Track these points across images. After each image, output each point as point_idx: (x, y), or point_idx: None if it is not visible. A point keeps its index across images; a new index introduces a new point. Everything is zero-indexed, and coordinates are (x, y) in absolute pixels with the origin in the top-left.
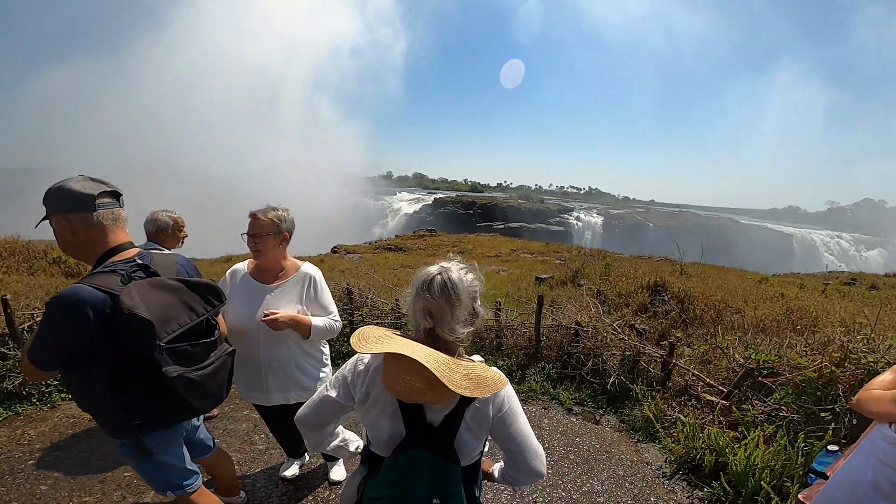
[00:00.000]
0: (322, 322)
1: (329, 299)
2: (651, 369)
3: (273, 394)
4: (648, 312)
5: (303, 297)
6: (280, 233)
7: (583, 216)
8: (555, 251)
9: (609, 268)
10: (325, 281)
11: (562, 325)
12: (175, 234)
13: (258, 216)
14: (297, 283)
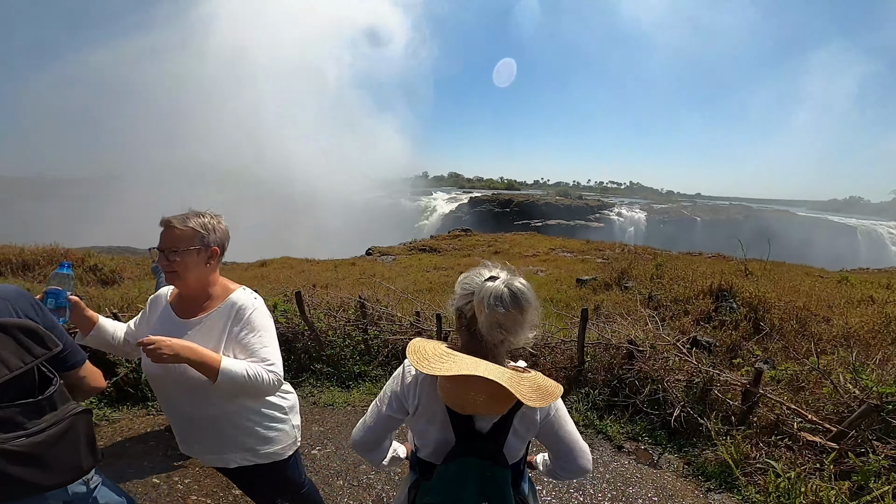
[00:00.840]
0: (241, 367)
1: (263, 341)
2: (728, 400)
3: (208, 455)
4: (713, 322)
5: (226, 333)
6: (206, 247)
7: (624, 212)
8: (596, 249)
9: (661, 268)
10: (264, 314)
11: (611, 344)
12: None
13: (174, 224)
14: (221, 316)
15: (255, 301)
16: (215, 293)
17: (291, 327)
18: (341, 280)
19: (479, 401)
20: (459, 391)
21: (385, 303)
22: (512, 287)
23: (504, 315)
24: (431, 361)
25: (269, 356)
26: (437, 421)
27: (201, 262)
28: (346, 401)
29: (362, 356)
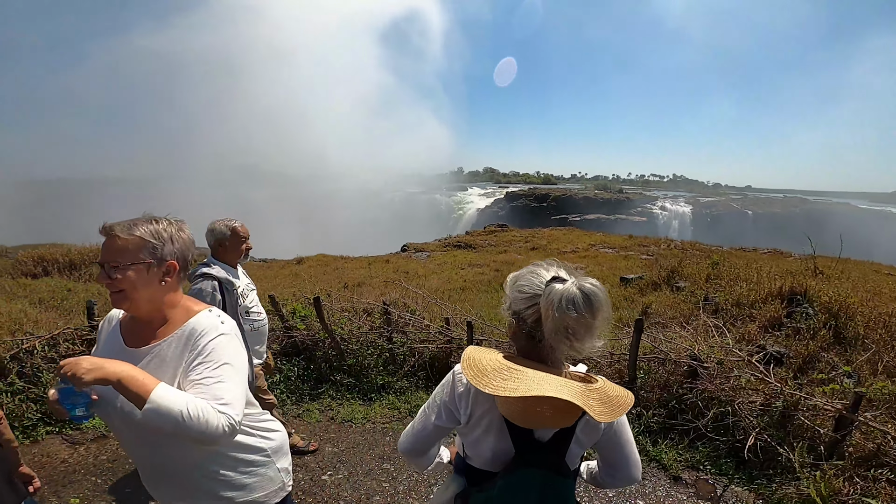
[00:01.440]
0: (180, 401)
1: (219, 375)
2: (817, 426)
3: (177, 502)
4: (785, 329)
5: (182, 367)
6: (159, 260)
7: (668, 205)
8: (639, 245)
9: (718, 267)
10: (230, 344)
11: (669, 358)
12: (235, 246)
13: (115, 233)
14: (176, 344)
15: (220, 326)
16: (174, 317)
17: (311, 334)
18: (374, 278)
19: (545, 415)
20: (523, 406)
21: (413, 306)
22: (584, 289)
23: (576, 319)
24: (492, 378)
25: (224, 394)
26: (493, 431)
27: (153, 280)
28: (367, 416)
29: (386, 366)
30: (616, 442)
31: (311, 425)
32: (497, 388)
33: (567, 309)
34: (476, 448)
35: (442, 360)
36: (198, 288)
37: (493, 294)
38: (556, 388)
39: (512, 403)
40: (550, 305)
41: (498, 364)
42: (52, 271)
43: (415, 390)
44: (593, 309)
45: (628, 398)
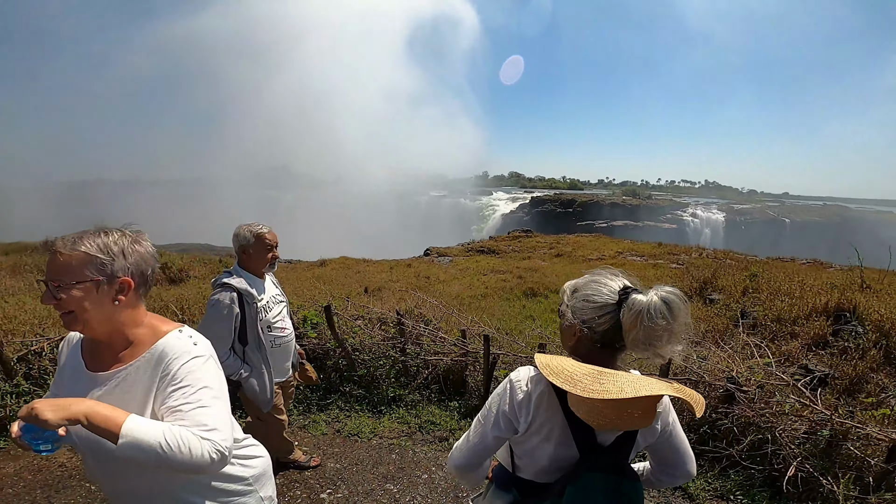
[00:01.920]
0: (156, 431)
1: (199, 399)
2: (866, 456)
3: None
4: (830, 348)
5: (153, 394)
6: (109, 277)
7: (700, 212)
8: (669, 253)
9: (756, 279)
10: (206, 365)
11: (703, 380)
12: (260, 254)
13: (57, 249)
14: (143, 370)
15: (193, 349)
16: (139, 338)
17: (322, 343)
18: (394, 282)
19: (635, 416)
20: (614, 409)
21: (429, 316)
22: (666, 298)
23: (663, 328)
24: (587, 383)
25: (207, 419)
26: (553, 437)
27: (105, 300)
28: (374, 430)
29: (398, 377)
30: (671, 442)
31: (316, 438)
32: (601, 392)
33: (657, 318)
34: (531, 457)
35: (457, 373)
36: (215, 299)
37: (515, 302)
38: (662, 388)
39: (600, 408)
40: (639, 316)
41: (584, 368)
42: None
43: (427, 404)
44: (675, 316)
45: (699, 395)
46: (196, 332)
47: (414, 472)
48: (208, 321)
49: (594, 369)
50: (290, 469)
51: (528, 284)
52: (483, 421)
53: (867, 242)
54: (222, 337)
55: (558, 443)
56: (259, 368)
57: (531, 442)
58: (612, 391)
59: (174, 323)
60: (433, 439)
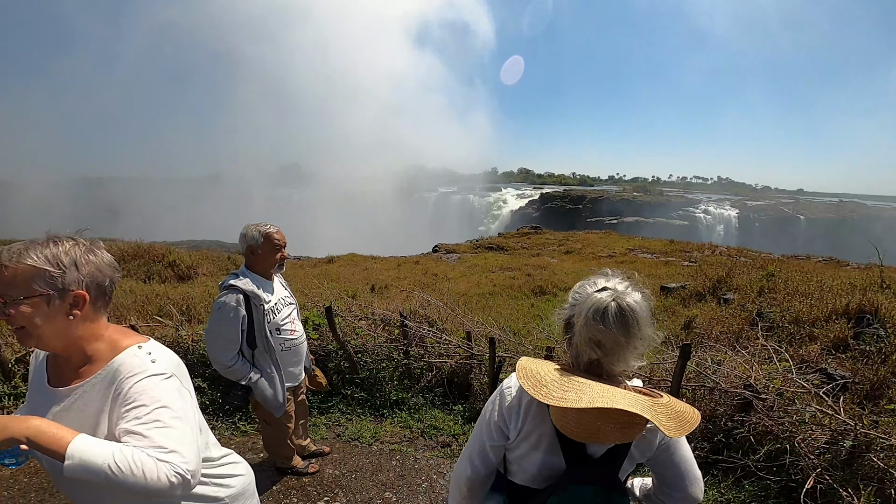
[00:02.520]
0: (105, 452)
1: (157, 419)
2: (889, 468)
3: None
4: (851, 352)
5: (106, 414)
6: (61, 291)
7: (712, 209)
8: (681, 250)
9: (773, 279)
10: (163, 382)
11: (718, 387)
12: (268, 254)
13: (3, 263)
14: (98, 387)
15: (150, 366)
16: (97, 353)
17: (324, 345)
18: (402, 279)
19: (608, 430)
20: (587, 421)
21: (434, 317)
22: (621, 302)
23: (602, 333)
24: (552, 389)
25: (166, 441)
26: (542, 446)
27: (57, 315)
28: (376, 434)
29: (402, 380)
30: (671, 459)
31: (316, 443)
32: (559, 399)
33: (594, 320)
34: (521, 463)
35: (462, 376)
36: (221, 301)
37: (524, 300)
38: (625, 401)
39: (572, 417)
40: (580, 314)
41: (556, 375)
42: None
43: (430, 408)
44: (626, 327)
45: (695, 414)
46: (159, 349)
47: (414, 479)
48: (214, 324)
49: (566, 377)
50: (288, 475)
51: (536, 282)
52: (478, 430)
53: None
54: (229, 340)
55: (547, 451)
56: (269, 372)
57: (521, 449)
58: (570, 400)
59: (137, 336)
60: (436, 445)
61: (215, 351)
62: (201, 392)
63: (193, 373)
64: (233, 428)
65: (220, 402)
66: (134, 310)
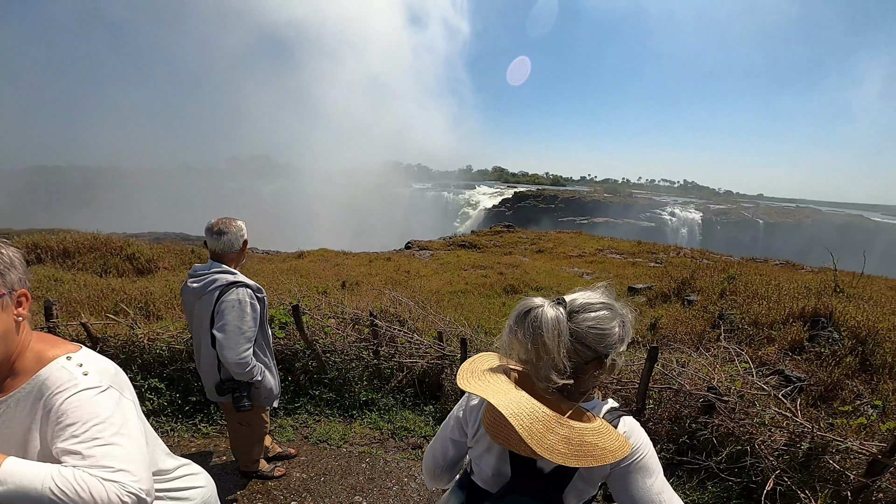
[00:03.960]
0: (41, 475)
1: (99, 436)
2: (845, 469)
3: None
4: (806, 353)
5: (36, 433)
6: (10, 290)
7: (678, 211)
8: (648, 252)
9: (734, 282)
10: (100, 394)
11: (683, 389)
12: (244, 250)
13: None
14: (25, 401)
15: (82, 380)
16: (22, 364)
17: (290, 344)
18: (374, 276)
19: (511, 436)
20: (496, 420)
21: (405, 316)
22: (539, 311)
23: (518, 340)
24: (473, 377)
25: (111, 459)
26: (494, 451)
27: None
28: (345, 436)
29: (371, 381)
30: (625, 482)
31: (281, 445)
32: (465, 384)
33: (514, 325)
34: (479, 464)
35: (433, 376)
36: (235, 298)
37: (496, 299)
38: (501, 399)
39: (490, 418)
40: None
41: (486, 368)
42: (46, 259)
43: (401, 409)
44: (533, 336)
45: (609, 454)
46: (91, 359)
47: (385, 482)
48: (235, 322)
49: (493, 369)
50: (253, 479)
51: (508, 281)
52: (446, 422)
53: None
54: (250, 337)
55: (498, 457)
56: (268, 364)
57: (477, 449)
58: (472, 385)
59: (65, 345)
60: (406, 446)
61: (237, 350)
62: (159, 393)
63: (150, 373)
64: (193, 430)
65: (178, 403)
66: (87, 305)
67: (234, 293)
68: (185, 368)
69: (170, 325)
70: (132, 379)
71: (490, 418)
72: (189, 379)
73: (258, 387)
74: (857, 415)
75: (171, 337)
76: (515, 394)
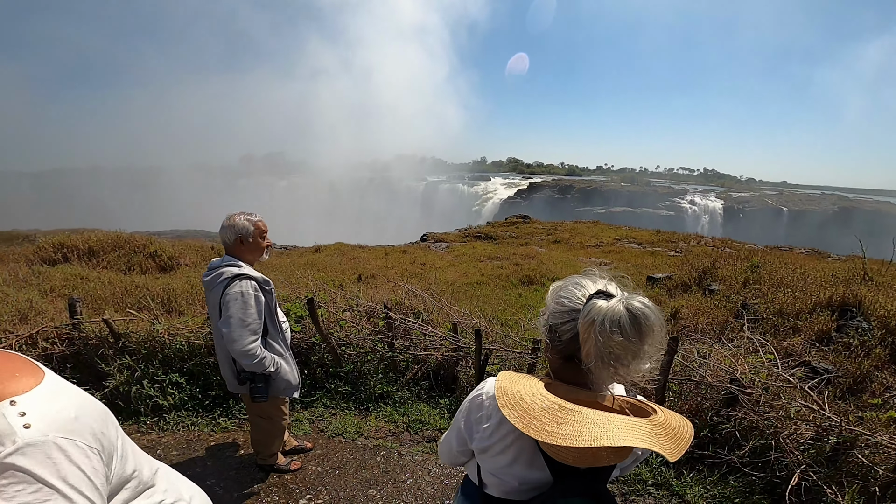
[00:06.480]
0: None
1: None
2: (874, 464)
3: None
4: (834, 344)
5: None
6: None
7: (698, 199)
8: (667, 241)
9: (758, 270)
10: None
11: (705, 381)
12: (257, 243)
13: None
14: None
15: (22, 433)
16: None
17: (306, 337)
18: (390, 269)
19: (602, 455)
20: (584, 451)
21: (419, 308)
22: (632, 308)
23: (621, 344)
24: (544, 423)
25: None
26: (523, 459)
27: None
28: (360, 429)
29: (387, 373)
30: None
31: (298, 439)
32: (554, 436)
33: (611, 332)
34: (499, 477)
35: (448, 368)
36: (238, 291)
37: (512, 290)
38: (628, 435)
39: (570, 451)
40: (592, 325)
41: (545, 401)
42: (72, 258)
43: (416, 401)
44: (641, 333)
45: (689, 428)
46: (39, 405)
47: (399, 476)
48: (238, 314)
49: (556, 403)
50: (270, 473)
51: (524, 272)
52: (455, 421)
53: (866, 232)
54: (255, 329)
55: (529, 465)
56: (284, 355)
57: (498, 462)
58: (567, 436)
59: (21, 379)
60: (421, 439)
61: (242, 342)
62: (179, 388)
63: (171, 368)
64: (213, 424)
65: (199, 397)
66: (112, 302)
67: (237, 286)
68: (204, 363)
69: (189, 321)
70: (153, 375)
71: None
72: (208, 374)
73: (275, 378)
74: (887, 408)
75: (191, 332)
76: (611, 421)
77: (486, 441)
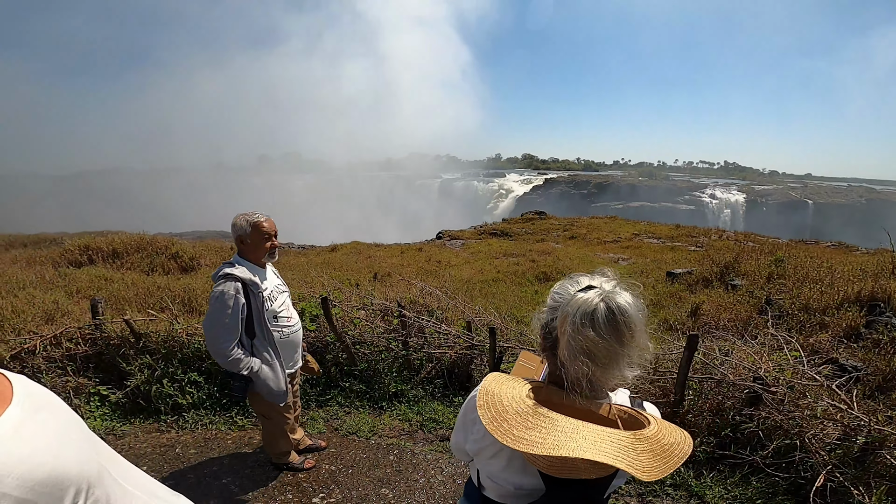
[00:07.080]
0: None
1: None
2: None
3: None
4: (863, 341)
5: None
6: None
7: (719, 193)
8: (687, 235)
9: (783, 265)
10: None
11: (727, 379)
12: (257, 244)
13: None
14: None
15: None
16: None
17: (321, 336)
18: (405, 267)
19: (578, 466)
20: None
21: (433, 306)
22: (611, 303)
23: (593, 342)
24: (513, 424)
25: None
26: (515, 465)
27: None
28: (374, 428)
29: (401, 372)
30: None
31: (312, 437)
32: (517, 440)
33: (581, 325)
34: (494, 481)
35: (462, 366)
36: (219, 290)
37: (528, 287)
38: (592, 447)
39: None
40: (566, 318)
41: (522, 405)
42: (97, 260)
43: (430, 400)
44: (618, 331)
45: (685, 445)
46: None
47: (412, 475)
48: (213, 314)
49: (531, 407)
50: (284, 471)
51: (541, 268)
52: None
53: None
54: (229, 329)
55: (522, 471)
56: (270, 361)
57: (492, 466)
58: (531, 441)
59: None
60: (434, 438)
61: (215, 341)
62: (198, 387)
63: (190, 367)
64: (230, 423)
65: (216, 396)
66: (135, 303)
67: (219, 286)
68: None
69: None
70: (173, 374)
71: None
72: (225, 373)
73: (255, 380)
74: None
75: None
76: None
77: (478, 443)
